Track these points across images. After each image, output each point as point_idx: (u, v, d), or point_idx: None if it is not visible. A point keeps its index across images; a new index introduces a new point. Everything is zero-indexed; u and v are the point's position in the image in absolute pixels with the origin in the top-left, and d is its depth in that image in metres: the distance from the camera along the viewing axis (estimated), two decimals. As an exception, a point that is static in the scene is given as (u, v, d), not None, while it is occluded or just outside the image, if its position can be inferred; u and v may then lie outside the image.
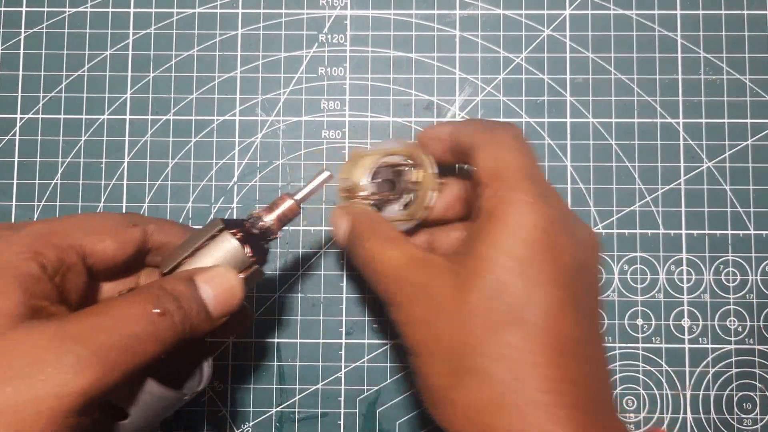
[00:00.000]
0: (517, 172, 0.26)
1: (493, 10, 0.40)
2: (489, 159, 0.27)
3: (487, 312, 0.24)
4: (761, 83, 0.39)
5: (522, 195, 0.25)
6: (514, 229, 0.25)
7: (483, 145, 0.27)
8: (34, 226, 0.25)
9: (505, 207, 0.25)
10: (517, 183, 0.26)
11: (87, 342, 0.22)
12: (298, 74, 0.40)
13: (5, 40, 0.40)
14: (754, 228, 0.38)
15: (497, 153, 0.27)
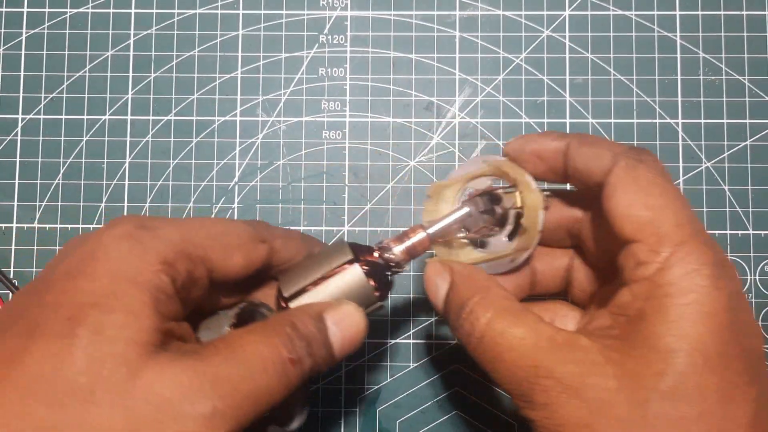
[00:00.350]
0: (685, 231, 0.21)
1: (492, 10, 0.40)
2: (638, 206, 0.21)
3: (675, 422, 0.19)
4: (760, 84, 0.39)
5: (701, 267, 0.20)
6: (699, 314, 0.19)
7: (624, 184, 0.22)
8: (166, 228, 0.23)
9: (684, 283, 0.20)
10: (690, 249, 0.20)
11: (223, 391, 0.19)
12: (299, 75, 0.40)
13: (7, 41, 0.40)
14: (753, 228, 0.38)
15: (648, 199, 0.21)
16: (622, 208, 0.22)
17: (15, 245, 0.39)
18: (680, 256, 0.20)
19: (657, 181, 0.22)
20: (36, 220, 0.39)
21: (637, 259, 0.21)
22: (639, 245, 0.21)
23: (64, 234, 0.39)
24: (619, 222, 0.22)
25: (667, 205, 0.21)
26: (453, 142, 0.39)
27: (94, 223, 0.39)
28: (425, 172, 0.39)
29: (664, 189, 0.22)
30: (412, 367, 0.38)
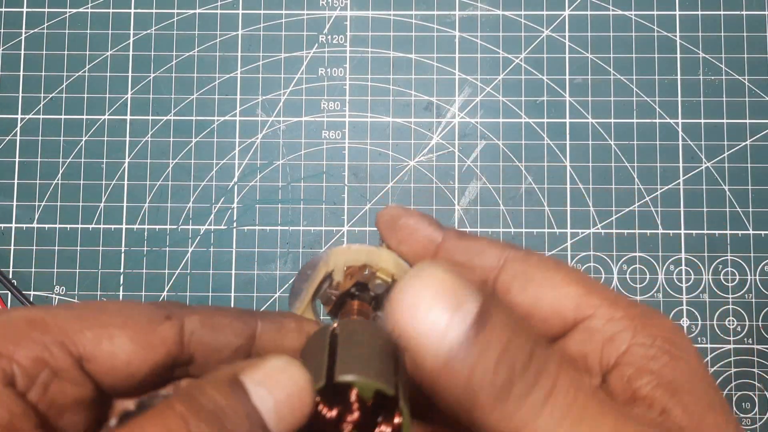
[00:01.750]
0: (619, 295, 0.19)
1: (492, 11, 0.40)
2: (566, 284, 0.19)
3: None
4: (760, 84, 0.39)
5: (667, 322, 0.18)
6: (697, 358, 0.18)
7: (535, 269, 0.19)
8: (11, 313, 0.17)
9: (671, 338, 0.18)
10: (643, 310, 0.19)
11: None
12: (299, 75, 0.40)
13: (6, 41, 0.40)
14: (753, 228, 0.38)
15: (570, 275, 0.19)
16: (549, 290, 0.19)
17: (14, 245, 0.39)
18: (644, 318, 0.18)
19: (562, 264, 0.19)
20: (35, 220, 0.39)
21: (603, 335, 0.18)
22: (593, 320, 0.18)
23: (63, 234, 0.39)
24: (550, 305, 0.19)
25: (586, 277, 0.19)
26: (453, 142, 0.39)
27: (93, 223, 0.39)
28: (425, 171, 0.39)
29: (571, 268, 0.19)
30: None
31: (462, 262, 0.20)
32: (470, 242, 0.20)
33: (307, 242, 0.39)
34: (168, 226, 0.39)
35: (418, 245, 0.21)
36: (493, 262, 0.20)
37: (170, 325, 0.19)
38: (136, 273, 0.38)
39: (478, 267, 0.20)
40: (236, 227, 0.39)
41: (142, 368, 0.18)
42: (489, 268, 0.20)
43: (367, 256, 0.23)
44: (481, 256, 0.20)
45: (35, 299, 0.38)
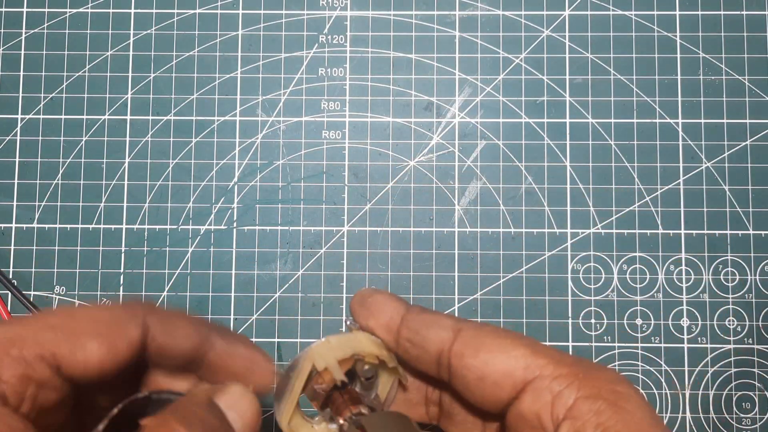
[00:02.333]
0: (562, 354, 0.21)
1: (492, 10, 0.40)
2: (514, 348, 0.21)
3: None
4: (760, 84, 0.39)
5: (611, 374, 0.20)
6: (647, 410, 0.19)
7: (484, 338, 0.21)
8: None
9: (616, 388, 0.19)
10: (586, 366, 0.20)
11: None
12: (299, 75, 0.40)
13: (6, 41, 0.40)
14: (753, 228, 0.38)
15: (517, 340, 0.21)
16: (498, 356, 0.20)
17: (14, 245, 0.39)
18: (589, 373, 0.19)
19: (510, 332, 0.21)
20: (35, 220, 0.39)
21: (551, 392, 0.19)
22: (540, 380, 0.20)
23: (63, 234, 0.39)
24: (500, 370, 0.20)
25: (535, 343, 0.21)
26: (453, 142, 0.39)
27: (93, 223, 0.39)
28: (425, 172, 0.39)
29: (520, 335, 0.21)
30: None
31: (418, 337, 0.22)
32: (429, 316, 0.22)
33: (307, 242, 0.39)
34: (168, 226, 0.39)
35: (385, 318, 0.23)
36: (449, 333, 0.21)
37: (134, 327, 0.21)
38: (136, 273, 0.38)
39: (434, 337, 0.22)
40: (236, 227, 0.39)
41: (112, 368, 0.20)
42: (445, 338, 0.21)
43: (351, 346, 0.24)
44: (437, 328, 0.22)
45: (35, 299, 0.38)
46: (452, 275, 0.38)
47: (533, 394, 0.20)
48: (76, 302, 0.38)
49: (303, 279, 0.39)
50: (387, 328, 0.23)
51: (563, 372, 0.19)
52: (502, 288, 0.38)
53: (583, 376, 0.19)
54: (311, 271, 0.39)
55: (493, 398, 0.21)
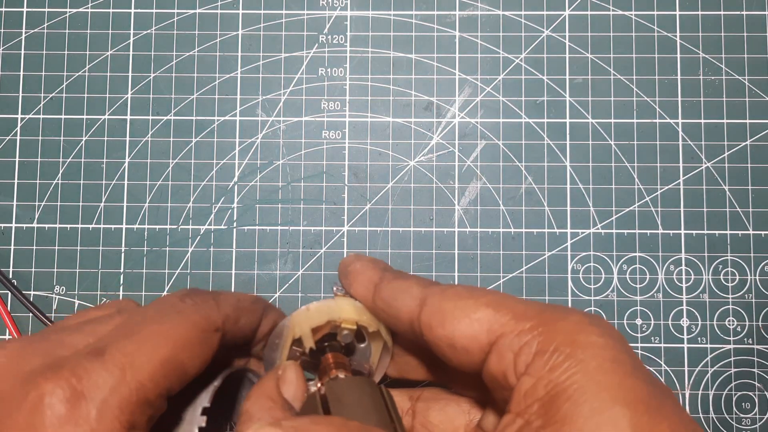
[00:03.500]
0: (528, 306, 0.20)
1: (492, 10, 0.40)
2: (476, 310, 0.20)
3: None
4: (760, 84, 0.39)
5: (576, 323, 0.19)
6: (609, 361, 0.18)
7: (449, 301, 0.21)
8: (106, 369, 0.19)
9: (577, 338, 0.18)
10: (548, 316, 0.19)
11: None
12: (299, 75, 0.40)
13: (6, 41, 0.40)
14: (753, 228, 0.38)
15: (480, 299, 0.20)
16: (462, 319, 0.20)
17: (14, 245, 0.39)
18: (550, 324, 0.19)
19: (474, 290, 0.21)
20: (35, 219, 0.39)
21: (512, 349, 0.19)
22: (503, 338, 0.19)
23: (63, 234, 0.39)
24: (466, 333, 0.20)
25: (497, 297, 0.20)
26: (453, 142, 0.39)
27: (93, 223, 0.39)
28: (425, 172, 0.39)
29: (483, 291, 0.21)
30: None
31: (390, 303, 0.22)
32: (399, 283, 0.23)
33: (307, 242, 0.39)
34: (168, 226, 0.39)
35: (362, 287, 0.24)
36: (416, 302, 0.21)
37: (217, 337, 0.22)
38: (136, 273, 0.38)
39: (403, 307, 0.22)
40: (236, 227, 0.39)
41: (199, 370, 0.22)
42: (413, 308, 0.21)
43: (327, 313, 0.24)
44: (405, 298, 0.22)
45: (35, 299, 0.38)
46: (452, 275, 0.38)
47: (497, 354, 0.19)
48: (76, 302, 0.38)
49: (303, 279, 0.39)
50: (365, 296, 0.24)
51: (525, 326, 0.19)
52: (502, 288, 0.38)
53: (543, 328, 0.19)
54: (311, 271, 0.39)
55: (467, 363, 0.20)
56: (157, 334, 0.21)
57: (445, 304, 0.21)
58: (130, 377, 0.19)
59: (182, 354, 0.21)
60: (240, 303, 0.24)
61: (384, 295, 0.23)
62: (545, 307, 0.19)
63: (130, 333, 0.21)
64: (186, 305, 0.22)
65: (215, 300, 0.23)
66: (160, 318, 0.21)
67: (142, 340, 0.20)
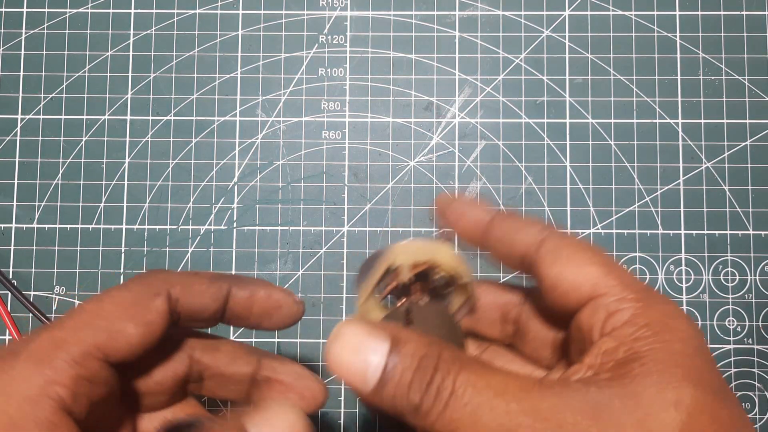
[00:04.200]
0: (639, 282, 0.21)
1: (492, 11, 0.40)
2: (589, 263, 0.21)
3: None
4: (760, 84, 0.39)
5: (674, 308, 0.20)
6: (694, 348, 0.19)
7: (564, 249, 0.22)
8: (33, 343, 0.20)
9: (667, 320, 0.19)
10: (653, 294, 0.20)
11: None
12: (299, 75, 0.40)
13: (6, 41, 0.40)
14: (753, 228, 0.38)
15: (595, 257, 0.21)
16: (573, 268, 0.21)
17: (14, 245, 0.39)
18: (651, 301, 0.20)
19: (594, 246, 0.22)
20: (35, 220, 0.39)
21: (607, 310, 0.20)
22: (604, 297, 0.20)
23: (63, 234, 0.39)
24: (572, 282, 0.21)
25: (613, 262, 0.21)
26: (453, 142, 0.39)
27: (93, 223, 0.39)
28: (425, 172, 0.39)
29: (602, 251, 0.22)
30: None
31: (506, 238, 0.23)
32: (515, 222, 0.23)
33: (307, 242, 0.39)
34: (168, 226, 0.39)
35: (471, 224, 0.24)
36: (534, 239, 0.22)
37: (161, 301, 0.22)
38: (136, 273, 0.38)
39: (519, 242, 0.23)
40: (236, 227, 0.39)
41: (151, 342, 0.21)
42: (531, 244, 0.22)
43: (431, 253, 0.25)
44: (523, 234, 0.23)
45: (35, 299, 0.38)
46: (452, 275, 0.38)
47: (592, 309, 0.20)
48: (76, 302, 0.38)
49: (303, 279, 0.39)
50: (473, 233, 0.24)
51: (627, 296, 0.20)
52: (502, 288, 0.38)
53: (642, 304, 0.20)
54: (311, 271, 0.39)
55: (561, 306, 0.22)
56: (91, 303, 0.21)
57: (563, 248, 0.22)
58: (53, 355, 0.19)
59: (116, 319, 0.21)
60: (192, 274, 0.24)
61: (502, 228, 0.24)
62: (650, 289, 0.21)
63: (68, 314, 0.21)
64: (129, 280, 0.23)
65: (162, 271, 0.23)
66: (100, 294, 0.22)
67: (74, 314, 0.21)
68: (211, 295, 0.23)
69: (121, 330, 0.21)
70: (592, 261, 0.21)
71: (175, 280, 0.23)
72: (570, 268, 0.21)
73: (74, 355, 0.19)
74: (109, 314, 0.21)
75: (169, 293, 0.22)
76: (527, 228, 0.23)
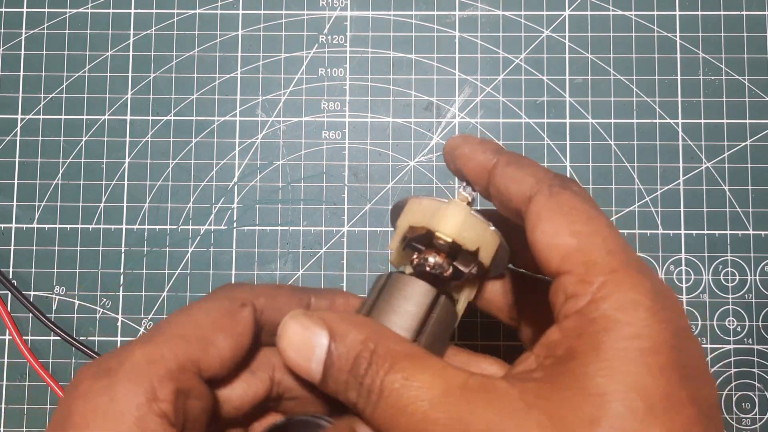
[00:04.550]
0: (617, 258, 0.18)
1: (492, 11, 0.40)
2: (563, 233, 0.19)
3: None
4: (760, 84, 0.39)
5: (639, 297, 0.17)
6: (639, 351, 0.16)
7: (546, 211, 0.19)
8: (128, 360, 0.19)
9: (619, 316, 0.17)
10: (625, 277, 0.18)
11: None
12: (299, 75, 0.40)
13: (6, 41, 0.40)
14: (753, 228, 0.38)
15: (574, 225, 0.19)
16: (546, 237, 0.19)
17: (14, 245, 0.39)
18: (614, 286, 0.17)
19: (583, 208, 0.19)
20: (35, 220, 0.39)
21: (565, 292, 0.18)
22: (567, 276, 0.18)
23: (63, 234, 0.39)
24: (544, 253, 0.19)
25: (595, 231, 0.19)
26: (453, 142, 0.39)
27: (93, 223, 0.39)
28: (425, 172, 0.39)
29: (590, 215, 0.19)
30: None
31: (503, 189, 0.21)
32: (514, 170, 0.21)
33: (307, 242, 0.39)
34: (168, 226, 0.39)
35: (474, 173, 0.23)
36: (526, 194, 0.20)
37: (247, 312, 0.21)
38: (136, 273, 0.38)
39: (513, 196, 0.21)
40: (236, 227, 0.39)
41: (239, 355, 0.21)
42: (523, 199, 0.20)
43: (429, 215, 0.23)
44: (517, 186, 0.21)
45: (35, 299, 0.38)
46: (452, 275, 0.38)
47: (555, 288, 0.19)
48: (76, 302, 0.38)
49: (303, 279, 0.39)
50: (479, 183, 0.23)
51: (590, 278, 0.18)
52: (502, 288, 0.38)
53: (607, 289, 0.18)
54: (311, 271, 0.39)
55: (542, 265, 0.19)
56: (179, 315, 0.21)
57: (547, 208, 0.20)
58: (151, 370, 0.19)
59: (207, 331, 0.20)
60: (275, 286, 0.23)
61: (497, 182, 0.22)
62: (627, 266, 0.18)
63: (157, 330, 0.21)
64: (213, 292, 0.22)
65: (246, 284, 0.23)
66: (186, 306, 0.22)
67: (163, 327, 0.21)
68: (295, 304, 0.23)
69: (212, 342, 0.20)
70: (569, 229, 0.19)
71: (259, 291, 0.22)
72: (545, 236, 0.19)
73: (171, 369, 0.19)
74: (199, 326, 0.20)
75: (254, 304, 0.22)
76: (523, 179, 0.21)
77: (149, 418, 0.18)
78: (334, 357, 0.19)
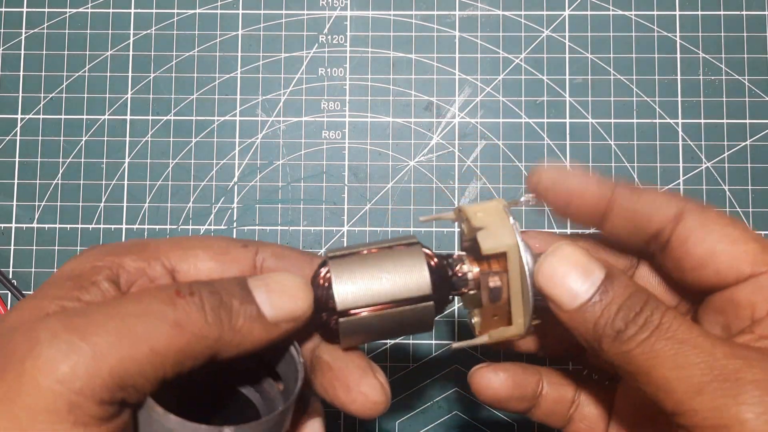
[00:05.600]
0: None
1: (492, 11, 0.40)
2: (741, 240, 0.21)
3: None
4: (760, 84, 0.39)
5: None
6: None
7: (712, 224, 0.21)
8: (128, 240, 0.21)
9: None
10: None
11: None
12: (299, 75, 0.40)
13: (6, 41, 0.40)
14: (753, 228, 0.38)
15: (747, 232, 0.21)
16: (721, 245, 0.21)
17: (14, 245, 0.39)
18: None
19: (732, 219, 0.21)
20: (35, 220, 0.39)
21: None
22: (765, 276, 0.20)
23: (63, 234, 0.39)
24: (728, 261, 0.21)
25: (757, 234, 0.21)
26: (453, 142, 0.39)
27: (93, 223, 0.39)
28: (425, 172, 0.39)
29: (747, 225, 0.22)
30: (412, 368, 0.38)
31: (638, 215, 0.22)
32: (644, 196, 0.22)
33: (307, 242, 0.39)
34: (168, 226, 0.39)
35: (588, 204, 0.23)
36: (671, 213, 0.22)
37: (245, 251, 0.22)
38: (136, 273, 0.38)
39: (655, 218, 0.22)
40: (236, 227, 0.39)
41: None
42: (666, 219, 0.22)
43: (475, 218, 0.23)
44: (657, 209, 0.22)
45: (35, 299, 0.38)
46: (452, 275, 0.38)
47: (755, 285, 0.21)
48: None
49: (303, 279, 0.39)
50: (594, 213, 0.23)
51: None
52: (502, 288, 0.38)
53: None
54: (311, 271, 0.39)
55: (706, 282, 0.21)
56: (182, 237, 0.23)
57: (708, 223, 0.21)
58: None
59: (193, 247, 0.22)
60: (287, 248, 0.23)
61: (630, 203, 0.22)
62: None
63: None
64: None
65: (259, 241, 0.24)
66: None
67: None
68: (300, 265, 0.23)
69: (195, 256, 0.22)
70: (746, 237, 0.21)
71: (270, 245, 0.23)
72: (724, 245, 0.21)
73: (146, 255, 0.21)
74: (193, 244, 0.22)
75: (257, 250, 0.23)
76: (664, 202, 0.22)
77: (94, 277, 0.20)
78: (613, 286, 0.20)
